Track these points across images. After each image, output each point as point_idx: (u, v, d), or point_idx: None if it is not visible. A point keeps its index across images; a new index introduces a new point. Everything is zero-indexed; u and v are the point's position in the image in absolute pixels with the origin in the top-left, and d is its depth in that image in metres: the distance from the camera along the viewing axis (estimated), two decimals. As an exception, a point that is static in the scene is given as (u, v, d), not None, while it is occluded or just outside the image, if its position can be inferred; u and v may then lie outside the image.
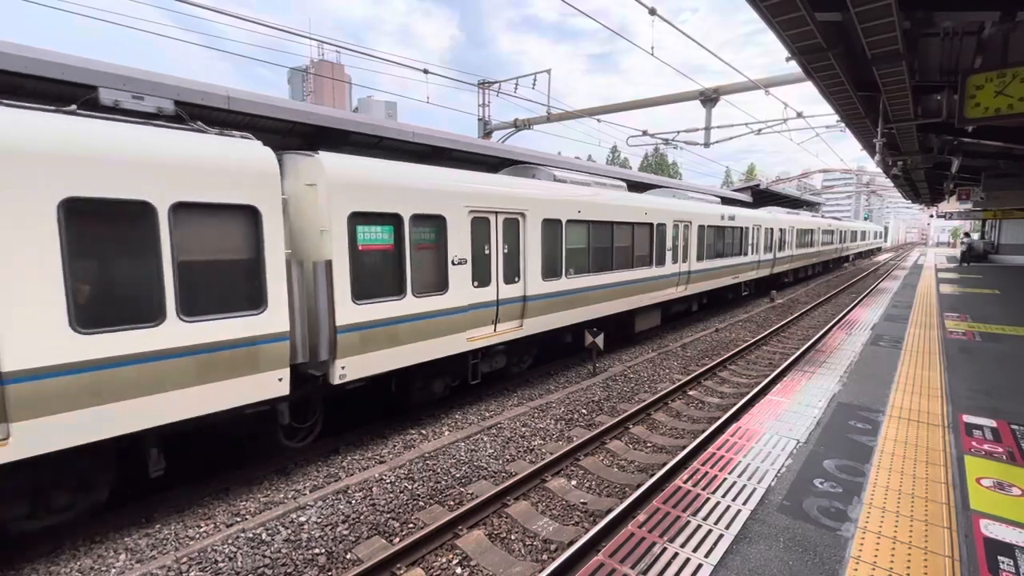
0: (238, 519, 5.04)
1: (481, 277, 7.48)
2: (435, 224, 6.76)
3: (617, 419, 7.29)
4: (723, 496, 3.86)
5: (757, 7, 4.72)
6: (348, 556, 4.51)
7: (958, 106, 5.90)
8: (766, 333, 13.23)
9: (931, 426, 5.11)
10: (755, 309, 17.85)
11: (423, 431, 7.11)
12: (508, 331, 8.00)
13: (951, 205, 28.79)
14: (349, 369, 5.90)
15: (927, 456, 4.45)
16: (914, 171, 16.46)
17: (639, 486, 5.47)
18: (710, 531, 3.42)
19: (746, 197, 24.56)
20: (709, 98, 14.08)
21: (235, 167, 4.86)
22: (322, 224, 5.64)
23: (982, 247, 30.49)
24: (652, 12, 9.08)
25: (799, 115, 15.10)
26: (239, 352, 4.94)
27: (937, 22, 5.59)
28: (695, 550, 3.23)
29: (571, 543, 4.56)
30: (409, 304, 6.48)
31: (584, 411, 7.99)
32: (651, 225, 11.56)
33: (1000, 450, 4.55)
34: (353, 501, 5.29)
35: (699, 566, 3.08)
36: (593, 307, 9.87)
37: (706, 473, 4.22)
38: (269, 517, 4.94)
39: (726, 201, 19.01)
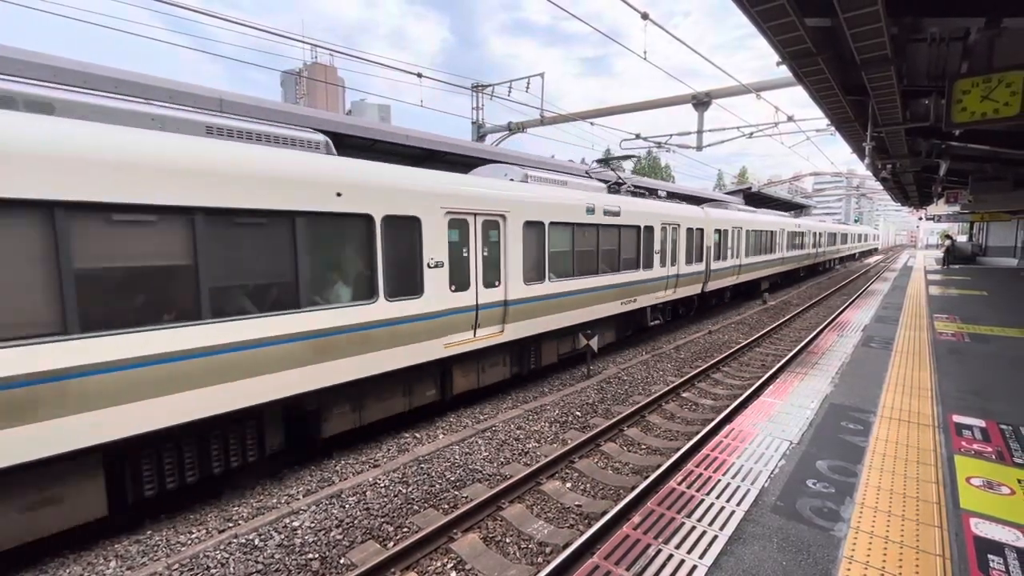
0: (230, 524, 4.99)
1: (722, 256, 16.09)
2: (724, 235, 16.03)
3: (611, 421, 7.30)
4: (717, 497, 3.87)
5: (747, 12, 4.77)
6: (342, 561, 4.48)
7: (945, 110, 5.97)
8: (759, 335, 13.31)
9: (922, 426, 5.16)
10: (748, 311, 17.97)
11: (417, 434, 7.09)
12: (724, 284, 16.90)
13: (940, 208, 29.09)
14: (709, 287, 15.13)
15: (918, 456, 4.50)
16: (903, 174, 16.68)
17: (634, 488, 5.47)
18: (704, 532, 3.44)
19: (738, 200, 24.85)
20: (701, 102, 14.21)
21: (701, 216, 14.49)
22: (708, 233, 14.66)
23: (970, 249, 30.90)
24: (645, 17, 9.17)
25: (790, 119, 15.26)
26: (696, 277, 14.31)
27: (924, 28, 5.67)
28: (689, 551, 3.24)
29: (566, 545, 4.55)
30: (713, 264, 15.29)
31: (578, 413, 7.99)
32: (771, 231, 21.42)
33: (989, 450, 4.61)
34: (347, 505, 5.26)
35: (693, 567, 3.09)
36: (753, 273, 19.50)
37: (700, 474, 4.24)
38: (262, 522, 4.90)
39: (796, 213, 33.43)
